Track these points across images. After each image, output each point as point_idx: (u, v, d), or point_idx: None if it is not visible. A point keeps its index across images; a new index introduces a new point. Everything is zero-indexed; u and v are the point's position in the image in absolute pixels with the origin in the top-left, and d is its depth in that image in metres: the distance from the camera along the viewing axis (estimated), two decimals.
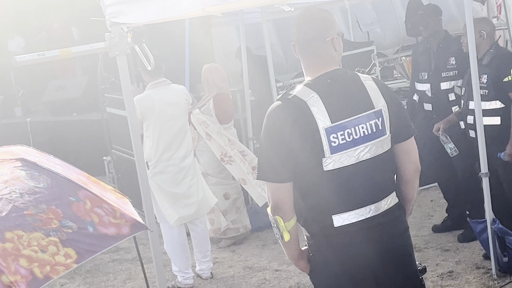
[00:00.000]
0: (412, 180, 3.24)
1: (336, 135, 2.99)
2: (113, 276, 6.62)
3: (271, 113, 3.06)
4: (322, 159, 2.99)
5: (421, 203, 7.62)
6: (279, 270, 6.21)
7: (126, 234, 3.05)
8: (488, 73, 5.46)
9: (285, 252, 3.17)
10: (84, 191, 3.10)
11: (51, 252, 2.78)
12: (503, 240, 5.30)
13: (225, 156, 7.01)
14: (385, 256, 3.08)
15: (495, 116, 5.46)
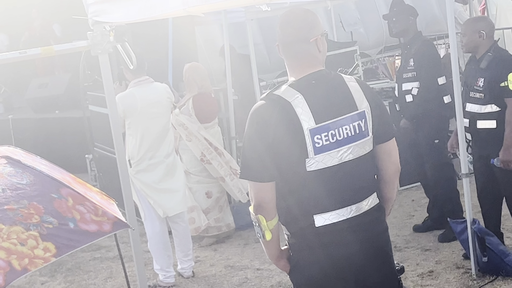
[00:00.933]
0: (393, 180, 3.27)
1: (320, 136, 3.01)
2: (94, 275, 6.61)
3: (254, 113, 3.06)
4: (306, 159, 3.00)
5: (402, 203, 7.66)
6: (261, 269, 6.22)
7: (107, 231, 3.08)
8: (485, 76, 5.41)
9: (265, 251, 3.18)
10: (67, 189, 3.12)
11: (30, 245, 2.81)
12: (483, 240, 5.34)
13: (204, 157, 7.03)
14: (365, 256, 3.10)
15: (491, 120, 5.43)
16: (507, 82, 5.31)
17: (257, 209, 3.03)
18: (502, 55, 5.49)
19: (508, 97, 5.34)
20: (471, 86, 5.52)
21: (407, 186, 8.18)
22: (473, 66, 5.58)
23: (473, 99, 5.50)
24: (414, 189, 8.12)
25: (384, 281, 3.18)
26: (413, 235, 6.60)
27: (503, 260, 5.33)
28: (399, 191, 8.04)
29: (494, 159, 5.42)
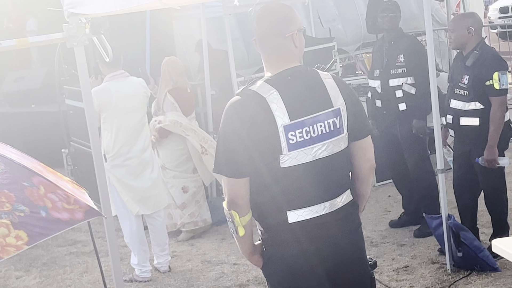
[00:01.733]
0: (367, 177, 3.27)
1: (294, 133, 3.01)
2: (70, 269, 6.57)
3: (229, 108, 3.06)
4: (280, 156, 3.00)
5: (378, 199, 7.70)
6: (237, 264, 6.23)
7: (79, 219, 3.06)
8: (471, 74, 5.43)
9: (238, 246, 3.18)
10: (38, 177, 3.11)
11: (1, 233, 2.80)
12: (458, 236, 5.38)
13: (204, 148, 7.02)
14: (338, 252, 3.11)
15: (474, 117, 5.46)
16: (492, 80, 5.33)
17: (230, 204, 3.03)
18: (488, 53, 5.49)
19: (493, 96, 5.37)
20: (456, 82, 5.55)
21: (383, 182, 8.21)
22: (459, 62, 5.60)
23: (458, 95, 5.53)
24: (391, 185, 8.12)
25: (356, 276, 3.20)
26: (389, 231, 6.64)
27: (477, 255, 5.37)
28: (376, 187, 8.09)
29: (479, 158, 5.45)
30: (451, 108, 5.59)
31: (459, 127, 5.56)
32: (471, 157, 5.56)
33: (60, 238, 7.52)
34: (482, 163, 5.44)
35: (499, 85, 5.33)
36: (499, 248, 3.64)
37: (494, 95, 5.36)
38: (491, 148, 5.39)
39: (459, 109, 5.53)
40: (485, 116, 5.41)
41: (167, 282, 6.04)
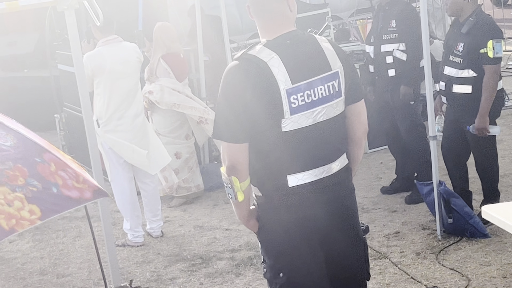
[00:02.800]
0: (361, 141, 3.31)
1: (296, 97, 3.01)
2: (62, 234, 6.60)
3: (229, 73, 3.05)
4: (281, 120, 3.01)
5: (370, 165, 7.73)
6: (229, 230, 6.26)
7: (88, 198, 3.10)
8: (465, 42, 5.42)
9: (236, 212, 3.19)
10: (49, 154, 3.13)
11: (16, 206, 2.83)
12: (448, 202, 5.42)
13: (202, 119, 7.02)
14: (333, 216, 3.14)
15: (467, 85, 5.46)
16: (486, 49, 5.32)
17: (230, 170, 3.03)
18: (484, 21, 5.47)
19: (487, 64, 5.37)
20: (451, 49, 5.54)
21: (375, 148, 8.24)
22: (455, 29, 5.59)
23: (452, 63, 5.53)
24: (383, 152, 8.18)
25: (349, 240, 3.23)
26: (381, 197, 6.68)
27: (468, 222, 5.41)
28: (368, 154, 8.11)
29: (470, 126, 5.46)
30: (444, 75, 5.59)
31: (452, 94, 5.57)
32: (462, 124, 5.58)
33: None
34: (473, 131, 5.46)
35: (493, 53, 5.33)
36: (489, 215, 3.68)
37: (488, 63, 5.36)
38: (482, 116, 5.39)
39: (452, 76, 5.53)
40: (477, 84, 5.41)
41: (160, 247, 6.07)
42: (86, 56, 5.82)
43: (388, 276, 5.00)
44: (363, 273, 3.31)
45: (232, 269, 5.41)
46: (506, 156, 7.26)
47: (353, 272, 3.26)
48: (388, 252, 5.40)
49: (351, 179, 3.27)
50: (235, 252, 5.75)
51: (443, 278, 4.88)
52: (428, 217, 5.93)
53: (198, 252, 5.86)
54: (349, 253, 3.24)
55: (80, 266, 5.80)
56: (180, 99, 6.94)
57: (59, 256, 6.08)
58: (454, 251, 5.28)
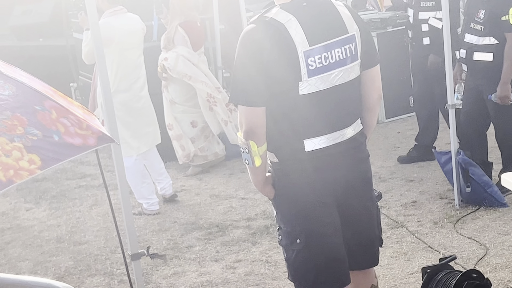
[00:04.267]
0: (375, 107, 3.30)
1: (313, 59, 2.99)
2: (79, 202, 6.63)
3: (247, 35, 3.01)
4: (299, 82, 2.99)
5: (387, 135, 7.69)
6: (246, 198, 6.26)
7: (92, 145, 3.03)
8: (487, 8, 5.36)
9: (252, 178, 3.16)
10: (50, 102, 3.06)
11: (15, 157, 2.77)
12: (467, 171, 5.38)
13: (210, 98, 6.98)
14: (348, 181, 3.14)
15: (488, 52, 5.41)
16: (508, 16, 5.26)
17: (248, 134, 3.01)
18: None
19: (508, 32, 5.30)
20: (472, 17, 5.48)
21: (392, 118, 8.19)
22: None
23: (473, 30, 5.46)
24: (400, 121, 8.15)
25: (363, 205, 3.24)
26: (398, 166, 6.64)
27: (486, 191, 5.38)
28: (385, 123, 8.07)
29: (492, 95, 5.40)
30: (465, 42, 5.53)
31: (472, 62, 5.51)
32: (483, 92, 5.51)
33: (70, 171, 7.57)
34: (495, 99, 5.40)
35: None
36: (509, 182, 3.64)
37: (510, 30, 5.29)
38: (505, 84, 5.34)
39: (473, 43, 5.47)
40: (499, 51, 5.35)
41: (176, 215, 6.08)
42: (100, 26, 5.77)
43: (406, 245, 4.98)
44: (377, 238, 3.33)
45: (249, 238, 5.41)
46: None
47: (367, 236, 3.27)
48: (405, 221, 5.37)
49: (366, 145, 3.26)
50: (251, 220, 5.75)
51: (461, 247, 4.86)
52: (446, 186, 5.89)
53: (214, 220, 5.86)
54: (363, 218, 3.24)
55: (96, 234, 5.82)
56: (192, 71, 6.89)
57: (75, 224, 6.10)
58: (472, 220, 5.25)
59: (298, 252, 3.15)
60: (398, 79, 8.20)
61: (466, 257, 4.70)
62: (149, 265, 5.04)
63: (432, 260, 4.66)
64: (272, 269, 4.84)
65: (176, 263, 5.12)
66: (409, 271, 4.61)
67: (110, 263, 5.23)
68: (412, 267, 4.65)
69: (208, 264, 5.06)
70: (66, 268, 5.22)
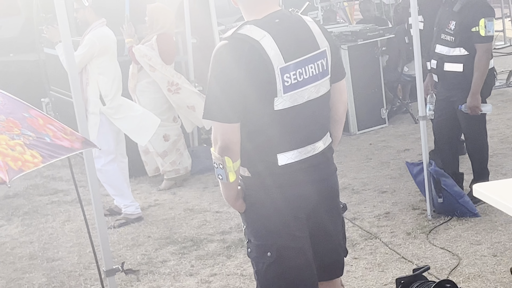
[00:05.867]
0: (342, 119, 3.36)
1: (289, 75, 3.01)
2: (52, 218, 6.58)
3: (220, 52, 3.01)
4: (274, 98, 3.01)
5: (360, 147, 7.73)
6: (220, 212, 6.26)
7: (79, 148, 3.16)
8: (457, 20, 5.42)
9: (223, 192, 3.16)
10: (35, 111, 3.25)
11: (19, 151, 2.96)
12: (439, 182, 5.43)
13: (171, 86, 7.00)
14: (319, 195, 3.18)
15: (458, 63, 5.47)
16: (478, 27, 5.32)
17: (223, 150, 3.01)
18: (476, 0, 5.45)
19: (478, 43, 5.37)
20: (443, 28, 5.54)
21: (364, 130, 8.25)
22: (447, 7, 5.59)
23: (443, 41, 5.53)
24: (372, 133, 8.21)
25: (332, 219, 3.28)
26: (370, 178, 6.68)
27: (457, 201, 5.43)
28: (357, 135, 8.13)
29: (462, 106, 5.46)
30: (436, 53, 5.60)
31: (443, 73, 5.58)
32: (454, 103, 5.58)
33: (42, 187, 7.52)
34: (465, 110, 5.46)
35: (485, 32, 5.33)
36: (480, 193, 3.67)
37: (480, 42, 5.36)
38: (474, 95, 5.40)
39: (444, 54, 5.54)
40: (469, 62, 5.42)
41: (150, 230, 6.06)
42: (97, 36, 6.01)
43: (379, 256, 5.01)
44: (342, 249, 3.38)
45: (223, 251, 5.41)
46: (495, 135, 7.29)
47: (333, 248, 3.32)
48: (378, 233, 5.41)
49: (333, 158, 3.31)
50: (225, 234, 5.75)
51: (434, 257, 4.90)
52: (418, 197, 5.94)
53: (188, 234, 5.85)
54: (331, 230, 3.29)
55: (70, 250, 5.78)
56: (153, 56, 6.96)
57: (48, 240, 6.05)
58: (445, 231, 5.30)
59: (269, 265, 3.16)
60: (369, 91, 8.28)
61: (439, 268, 4.74)
62: (124, 280, 5.01)
63: (405, 271, 4.70)
64: (247, 283, 4.84)
65: (150, 278, 5.10)
66: (383, 282, 4.64)
67: (84, 280, 5.20)
68: (386, 278, 4.68)
69: (183, 278, 5.04)
70: (40, 285, 5.17)
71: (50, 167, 8.02)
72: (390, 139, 7.89)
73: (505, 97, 8.72)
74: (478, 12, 5.37)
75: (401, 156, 7.15)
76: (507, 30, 12.26)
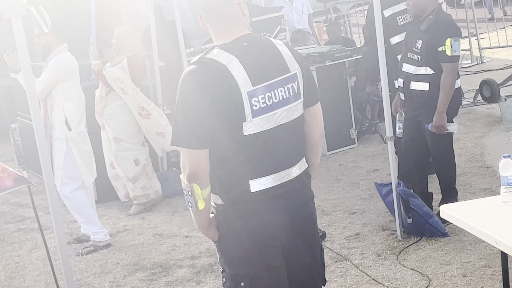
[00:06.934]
0: (318, 145, 3.29)
1: (257, 99, 2.98)
2: (18, 246, 6.47)
3: (188, 77, 2.98)
4: (243, 123, 2.97)
5: (329, 167, 7.72)
6: (189, 236, 6.19)
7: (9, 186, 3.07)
8: (424, 39, 5.45)
9: (195, 221, 3.11)
10: None
11: None
12: (408, 202, 5.42)
13: (142, 111, 6.95)
14: (295, 222, 3.12)
15: (424, 82, 5.49)
16: (444, 47, 5.36)
17: (191, 177, 2.96)
18: (442, 19, 5.51)
19: (444, 62, 5.40)
20: (410, 47, 5.58)
21: (334, 150, 8.25)
22: (414, 27, 5.62)
23: (410, 60, 5.56)
24: (342, 154, 8.20)
25: (308, 247, 3.21)
26: (340, 199, 6.66)
27: (427, 221, 5.42)
28: (327, 156, 8.12)
29: (429, 125, 5.48)
30: (402, 71, 5.63)
31: (410, 91, 5.60)
32: (421, 122, 5.59)
33: (8, 215, 7.41)
34: (432, 129, 5.48)
35: (451, 51, 5.36)
36: (447, 214, 3.68)
37: (446, 61, 5.39)
38: (441, 114, 5.42)
39: (410, 73, 5.57)
40: (435, 81, 5.45)
41: (118, 256, 5.97)
42: (62, 60, 5.98)
43: (350, 279, 4.97)
44: (320, 278, 3.30)
45: (193, 277, 5.34)
46: (463, 154, 7.32)
47: (310, 277, 3.24)
48: (349, 254, 5.38)
49: (310, 185, 3.25)
50: (195, 259, 5.68)
51: (404, 279, 4.87)
52: (388, 217, 5.93)
53: (157, 260, 5.77)
54: (307, 259, 3.21)
55: (36, 279, 5.68)
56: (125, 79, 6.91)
57: (15, 269, 5.94)
58: (414, 251, 5.28)
59: None
60: (338, 112, 8.28)
61: None
62: None
63: None
64: None
65: None
66: None
67: None
68: None
69: None
70: None
71: (17, 193, 7.91)
72: (359, 159, 7.89)
73: (472, 116, 8.77)
74: (445, 31, 5.40)
75: (370, 176, 7.15)
76: (474, 49, 12.38)
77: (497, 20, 13.70)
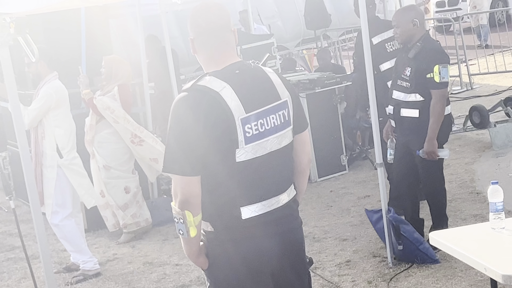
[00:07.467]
0: (305, 171, 3.30)
1: (250, 126, 2.99)
2: (7, 276, 6.42)
3: (180, 104, 2.98)
4: (236, 150, 2.97)
5: (321, 194, 7.71)
6: (180, 265, 6.15)
7: None
8: (413, 66, 5.48)
9: (185, 248, 3.08)
10: None
11: None
12: (398, 229, 5.41)
13: (134, 138, 6.95)
14: (285, 249, 3.11)
15: (414, 109, 5.51)
16: (433, 73, 5.38)
17: (183, 204, 2.95)
18: (430, 46, 5.54)
19: (433, 89, 5.42)
20: (399, 74, 5.61)
21: (325, 177, 8.24)
22: (403, 54, 5.66)
23: (400, 87, 5.58)
24: (332, 180, 8.20)
25: (297, 274, 3.20)
26: (331, 226, 6.64)
27: (418, 248, 5.40)
28: (318, 182, 8.11)
29: (420, 151, 5.48)
30: (393, 99, 5.65)
31: (400, 118, 5.61)
32: (411, 148, 5.60)
33: None
34: (422, 155, 5.48)
35: (440, 78, 5.39)
36: (437, 241, 3.68)
37: (435, 88, 5.41)
38: (431, 140, 5.43)
39: (400, 100, 5.58)
40: (424, 108, 5.46)
41: (108, 285, 5.93)
42: (53, 88, 6.02)
43: None
44: None
45: None
46: (453, 180, 7.32)
47: None
48: (340, 282, 5.35)
49: (298, 212, 3.24)
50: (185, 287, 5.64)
51: None
52: (379, 244, 5.91)
53: None
54: (297, 286, 3.20)
55: None
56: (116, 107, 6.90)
57: None
58: (405, 278, 5.26)
59: None
60: (329, 138, 8.30)
61: None
62: None
63: None
64: None
65: None
66: None
67: None
68: None
69: None
70: None
71: (7, 222, 7.87)
72: (350, 185, 7.88)
73: (462, 142, 8.79)
74: (432, 58, 5.43)
75: (361, 203, 7.14)
76: (463, 75, 12.44)
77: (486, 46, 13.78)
